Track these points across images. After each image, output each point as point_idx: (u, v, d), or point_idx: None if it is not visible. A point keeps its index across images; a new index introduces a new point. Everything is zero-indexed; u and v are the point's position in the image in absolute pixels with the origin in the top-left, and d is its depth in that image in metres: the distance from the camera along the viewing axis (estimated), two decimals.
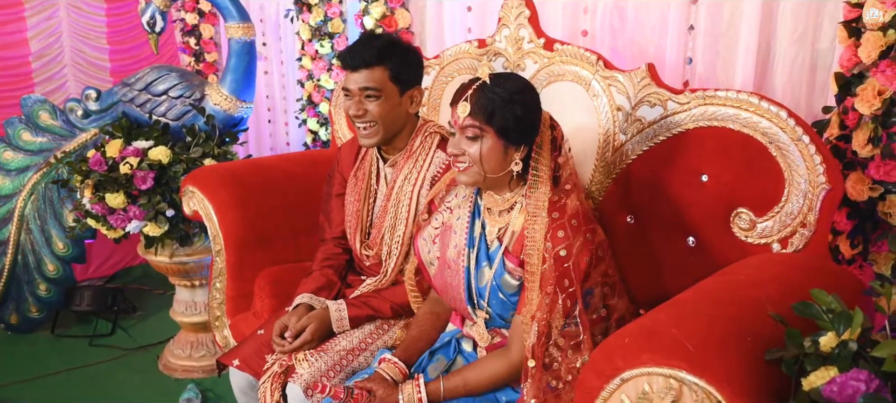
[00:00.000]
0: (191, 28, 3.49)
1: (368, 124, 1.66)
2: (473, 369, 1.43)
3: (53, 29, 3.53)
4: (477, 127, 1.33)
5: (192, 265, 2.60)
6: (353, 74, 1.64)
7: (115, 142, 2.51)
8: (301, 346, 1.61)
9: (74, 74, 3.59)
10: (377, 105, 1.64)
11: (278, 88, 3.37)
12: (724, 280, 1.34)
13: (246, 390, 1.76)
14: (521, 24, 1.86)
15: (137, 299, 3.30)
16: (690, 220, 1.55)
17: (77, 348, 2.90)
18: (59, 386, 2.60)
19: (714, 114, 1.49)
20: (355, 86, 1.64)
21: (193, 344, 2.74)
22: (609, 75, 1.69)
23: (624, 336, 1.12)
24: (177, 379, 2.67)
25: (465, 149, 1.35)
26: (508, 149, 1.35)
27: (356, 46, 1.67)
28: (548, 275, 1.30)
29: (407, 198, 1.73)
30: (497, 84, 1.34)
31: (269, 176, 2.28)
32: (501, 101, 1.31)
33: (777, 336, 1.04)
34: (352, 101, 1.66)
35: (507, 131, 1.33)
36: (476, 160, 1.34)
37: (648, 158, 1.63)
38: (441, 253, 1.53)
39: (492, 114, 1.31)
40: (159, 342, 2.90)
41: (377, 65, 1.62)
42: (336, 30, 2.85)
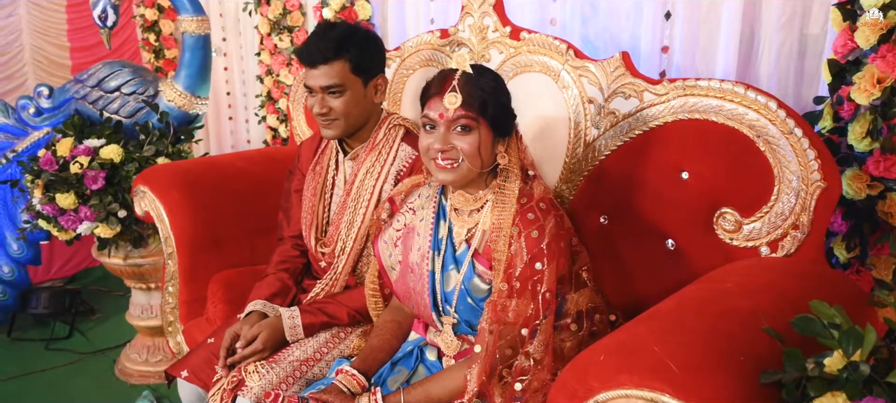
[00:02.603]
0: (150, 24, 3.23)
1: (331, 119, 1.48)
2: (437, 380, 1.25)
3: (13, 26, 3.27)
4: (472, 117, 1.16)
5: (148, 267, 2.37)
6: (313, 71, 1.45)
7: (66, 141, 2.28)
8: (251, 356, 1.42)
9: (35, 72, 3.34)
10: (341, 101, 1.46)
11: (238, 84, 3.16)
12: (710, 288, 1.15)
13: (195, 401, 1.56)
14: (486, 12, 1.63)
15: (97, 301, 3.06)
16: (669, 221, 1.34)
17: (33, 352, 2.68)
18: (13, 393, 2.39)
19: (695, 105, 1.28)
20: (317, 84, 1.46)
21: (150, 349, 2.52)
22: (580, 65, 1.47)
23: (599, 353, 0.96)
24: (132, 385, 2.44)
25: (456, 143, 1.17)
26: (496, 142, 1.21)
27: (312, 41, 1.47)
28: (515, 260, 1.15)
29: (367, 193, 1.54)
30: (481, 74, 1.19)
31: (224, 174, 2.06)
32: (492, 90, 1.18)
33: (772, 354, 0.89)
34: (315, 99, 1.48)
35: (497, 122, 1.19)
36: (471, 153, 1.17)
37: (623, 154, 1.42)
38: (403, 256, 1.34)
39: (484, 104, 1.17)
40: (117, 346, 2.67)
41: (336, 58, 1.44)
42: (295, 23, 2.63)
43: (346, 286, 1.58)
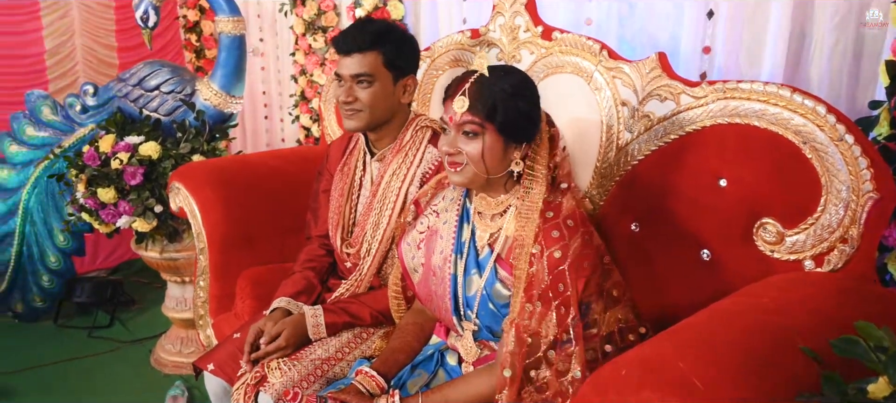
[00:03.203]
0: (192, 25, 3.29)
1: (355, 110, 1.46)
2: (456, 385, 1.22)
3: (66, 27, 3.38)
4: (477, 123, 1.13)
5: (182, 261, 2.39)
6: (346, 59, 1.44)
7: (108, 138, 2.33)
8: (275, 353, 1.41)
9: (85, 71, 3.43)
10: (368, 92, 1.44)
11: (274, 84, 3.18)
12: (744, 303, 1.07)
13: (220, 395, 1.57)
14: (518, 11, 1.57)
15: (137, 292, 3.12)
16: (705, 230, 1.27)
17: (77, 339, 2.75)
18: (57, 377, 2.45)
19: (736, 109, 1.20)
20: (347, 72, 1.44)
21: (183, 340, 2.55)
22: (614, 66, 1.41)
23: (621, 367, 0.91)
24: (166, 375, 2.47)
25: (462, 148, 1.14)
26: (508, 147, 1.15)
27: (350, 30, 1.47)
28: (535, 280, 1.10)
29: (393, 195, 1.52)
30: (498, 76, 1.14)
31: (256, 173, 2.06)
32: (504, 95, 1.12)
33: (809, 376, 0.84)
34: (343, 88, 1.46)
35: (508, 128, 1.14)
36: (475, 159, 1.14)
37: (657, 159, 1.35)
38: (426, 259, 1.31)
39: (493, 108, 1.12)
40: (153, 336, 2.72)
41: (371, 49, 1.43)
42: (329, 23, 2.62)
43: (370, 287, 1.56)
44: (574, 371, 1.09)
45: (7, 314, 2.86)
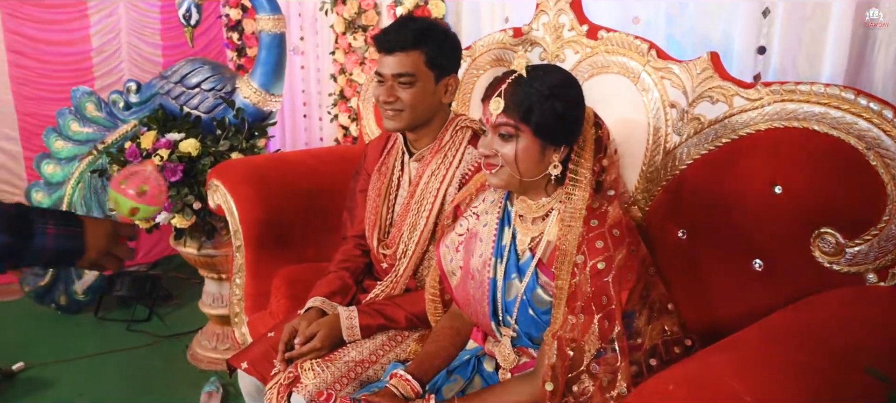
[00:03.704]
0: (234, 23, 3.34)
1: (397, 110, 1.45)
2: (493, 392, 1.20)
3: (113, 26, 3.48)
4: (512, 125, 1.10)
5: (220, 258, 2.42)
6: (387, 58, 1.43)
7: (150, 134, 2.38)
8: (308, 353, 1.41)
9: (130, 69, 3.53)
10: (410, 92, 1.43)
11: (314, 83, 3.20)
12: (802, 318, 1.03)
13: (253, 394, 1.58)
14: (562, 9, 1.54)
15: (175, 287, 3.19)
16: (758, 239, 1.21)
17: (116, 332, 2.82)
18: (96, 369, 2.52)
19: (794, 112, 1.15)
20: (389, 72, 1.43)
21: (219, 337, 2.59)
22: (662, 66, 1.37)
23: (668, 382, 0.88)
24: (201, 370, 2.51)
25: (498, 150, 1.13)
26: (546, 150, 1.12)
27: (392, 28, 1.46)
28: (578, 291, 1.07)
29: (431, 196, 1.50)
30: (535, 77, 1.11)
31: (293, 171, 2.08)
32: (539, 96, 1.09)
33: (872, 398, 0.82)
34: (383, 88, 1.45)
35: (545, 130, 1.11)
36: (510, 161, 1.12)
37: (707, 163, 1.30)
38: (464, 262, 1.29)
39: (528, 110, 1.09)
40: (190, 331, 2.77)
41: (412, 48, 1.42)
42: (369, 22, 2.63)
43: (406, 289, 1.55)
44: (620, 388, 1.05)
45: (50, 306, 2.93)
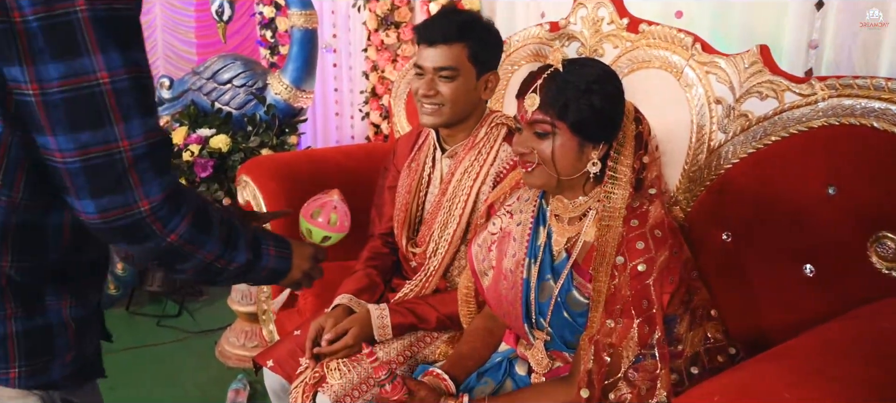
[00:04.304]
0: (267, 21, 3.38)
1: (437, 104, 1.43)
2: (526, 396, 1.17)
3: (149, 23, 3.57)
4: (548, 122, 1.08)
5: None
6: (429, 50, 1.41)
7: (181, 130, 2.42)
8: (340, 351, 1.40)
9: (165, 66, 3.63)
10: (451, 87, 1.41)
11: (346, 80, 3.22)
12: (860, 328, 0.97)
13: (279, 392, 1.58)
14: (602, 2, 1.50)
15: None
16: (809, 243, 1.15)
17: (146, 326, 2.86)
18: (125, 363, 2.55)
19: (850, 108, 1.08)
20: (430, 64, 1.41)
21: (247, 334, 2.60)
22: (708, 61, 1.31)
23: (713, 392, 0.84)
24: (229, 367, 2.54)
25: (534, 147, 1.10)
26: (584, 147, 1.09)
27: (435, 20, 1.44)
28: (617, 294, 1.04)
29: (464, 194, 1.47)
30: (571, 71, 1.08)
31: (322, 168, 2.08)
32: (576, 91, 1.06)
33: None
34: (423, 81, 1.43)
35: (582, 126, 1.08)
36: (546, 160, 1.09)
37: (754, 162, 1.24)
38: (497, 262, 1.27)
39: (565, 106, 1.06)
40: (218, 328, 2.79)
41: (456, 41, 1.39)
42: (402, 19, 2.63)
43: (436, 290, 1.53)
44: (660, 396, 1.01)
45: None
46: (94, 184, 0.77)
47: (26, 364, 0.87)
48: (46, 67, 0.72)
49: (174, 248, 0.85)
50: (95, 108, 0.74)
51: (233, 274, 0.95)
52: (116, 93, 0.75)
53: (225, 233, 0.91)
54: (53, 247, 0.86)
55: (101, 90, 0.74)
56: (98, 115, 0.75)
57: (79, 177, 0.76)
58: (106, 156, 0.76)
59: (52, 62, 0.72)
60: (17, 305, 0.85)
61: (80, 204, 0.78)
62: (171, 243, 0.84)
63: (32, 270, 0.85)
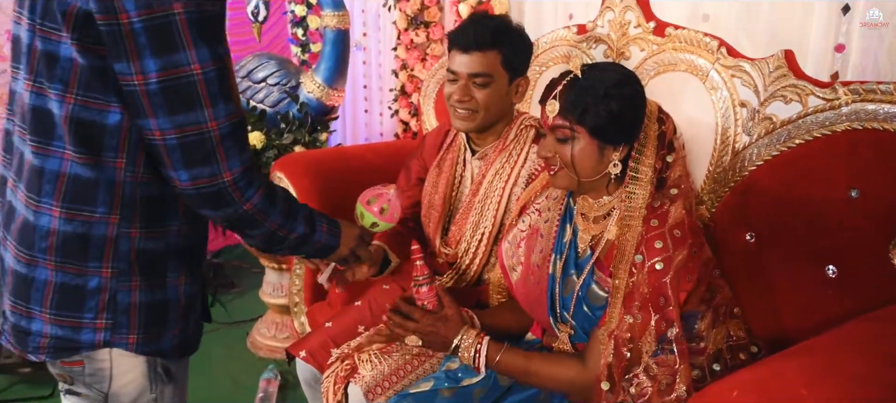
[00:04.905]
0: (299, 19, 3.46)
1: (471, 110, 1.47)
2: (542, 359, 1.22)
3: None
4: (567, 127, 1.13)
5: None
6: (463, 56, 1.45)
7: None
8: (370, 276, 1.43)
9: None
10: (485, 93, 1.45)
11: (375, 78, 3.28)
12: (879, 329, 1.01)
13: (311, 382, 1.65)
14: (629, 6, 1.54)
15: (236, 275, 3.33)
16: (831, 245, 1.19)
17: None
18: None
19: (874, 113, 1.12)
20: (464, 70, 1.45)
21: (278, 326, 2.69)
22: (733, 64, 1.35)
23: (733, 387, 0.88)
24: (260, 358, 2.63)
25: (556, 151, 1.16)
26: (604, 150, 1.14)
27: (469, 25, 1.47)
28: (635, 291, 1.08)
29: (496, 195, 1.52)
30: (590, 77, 1.12)
31: (352, 166, 2.15)
32: (595, 97, 1.11)
33: None
34: (456, 86, 1.47)
35: (601, 130, 1.12)
36: (567, 163, 1.15)
37: (778, 165, 1.28)
38: (525, 258, 1.33)
39: (584, 111, 1.11)
40: (250, 319, 2.89)
41: (491, 48, 1.43)
42: (432, 18, 2.68)
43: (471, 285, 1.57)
44: (679, 391, 1.05)
45: None
46: (187, 158, 0.91)
47: (144, 332, 1.00)
48: (148, 61, 0.85)
49: (248, 215, 0.99)
50: (189, 95, 0.88)
51: (292, 243, 1.09)
52: (206, 83, 0.89)
53: (287, 207, 1.06)
54: (172, 218, 1.00)
55: (194, 80, 0.88)
56: (191, 101, 0.89)
57: (175, 152, 0.90)
58: (197, 134, 0.90)
59: (152, 57, 0.85)
60: (142, 278, 0.98)
61: (175, 174, 0.92)
62: (246, 210, 0.98)
63: (157, 245, 0.99)
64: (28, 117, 0.95)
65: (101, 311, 0.97)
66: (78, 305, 0.96)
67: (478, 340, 1.22)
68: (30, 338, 0.98)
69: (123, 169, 0.94)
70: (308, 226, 1.10)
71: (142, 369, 1.03)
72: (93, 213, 0.94)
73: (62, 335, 0.97)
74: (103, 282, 0.96)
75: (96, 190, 0.93)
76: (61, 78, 0.90)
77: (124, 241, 0.96)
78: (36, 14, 0.90)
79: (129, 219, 0.96)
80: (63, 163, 0.92)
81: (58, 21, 0.88)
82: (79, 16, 0.86)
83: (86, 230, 0.94)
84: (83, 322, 0.97)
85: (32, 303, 0.97)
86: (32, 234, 0.95)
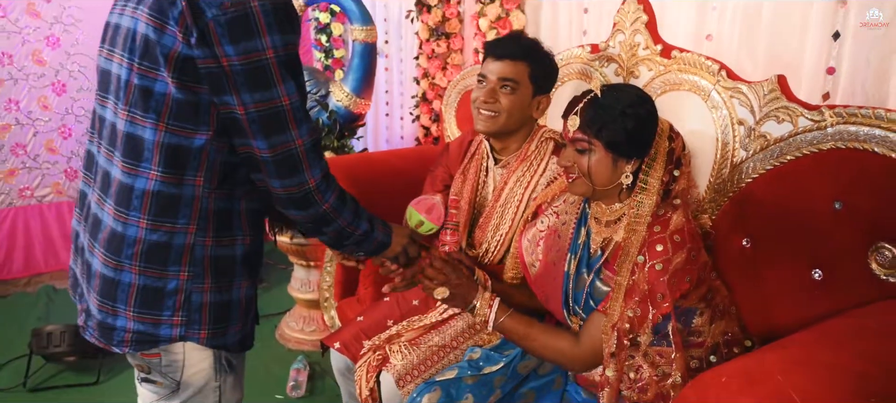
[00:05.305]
0: (323, 26, 3.60)
1: (494, 112, 1.61)
2: (541, 329, 1.35)
3: None
4: (585, 140, 1.26)
5: (309, 247, 2.65)
6: (496, 63, 1.61)
7: None
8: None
9: None
10: (509, 98, 1.60)
11: (397, 84, 3.40)
12: (852, 324, 1.14)
13: (344, 371, 1.78)
14: (638, 29, 1.68)
15: (265, 271, 3.46)
16: (817, 250, 1.32)
17: None
18: None
19: (855, 134, 1.25)
20: (494, 76, 1.61)
21: (305, 319, 2.82)
22: (732, 86, 1.49)
23: (722, 374, 1.00)
24: (289, 349, 2.75)
25: (575, 161, 1.29)
26: (618, 162, 1.27)
27: (506, 39, 1.66)
28: (636, 288, 1.21)
29: (516, 200, 1.66)
30: (608, 96, 1.26)
31: (379, 170, 2.29)
32: (612, 115, 1.24)
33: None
34: (484, 89, 1.62)
35: (615, 145, 1.25)
36: (584, 172, 1.28)
37: (771, 178, 1.41)
38: (544, 256, 1.47)
39: (601, 128, 1.25)
40: (278, 313, 3.02)
41: (521, 60, 1.59)
42: (452, 30, 2.81)
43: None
44: (675, 377, 1.20)
45: None
46: (280, 170, 1.10)
47: (212, 328, 1.15)
48: (247, 95, 1.04)
49: (326, 214, 1.19)
50: (280, 121, 1.07)
51: (356, 239, 1.29)
52: (293, 110, 1.08)
53: (354, 207, 1.26)
54: (238, 229, 1.16)
55: (284, 109, 1.07)
56: (282, 125, 1.07)
57: (270, 165, 1.09)
58: (287, 151, 1.09)
59: (251, 92, 1.04)
60: (212, 281, 1.14)
61: (270, 182, 1.11)
62: (325, 210, 1.18)
63: (226, 252, 1.15)
64: (120, 142, 1.09)
65: (177, 309, 1.11)
66: (158, 304, 1.11)
67: (489, 301, 1.37)
68: (115, 333, 1.13)
69: (202, 186, 1.09)
70: (369, 224, 1.29)
71: (209, 361, 1.18)
72: (174, 224, 1.09)
73: (144, 330, 1.11)
74: (180, 284, 1.10)
75: (178, 204, 1.08)
76: (155, 109, 1.05)
77: (199, 249, 1.11)
78: (135, 55, 1.05)
79: (204, 230, 1.11)
80: (149, 181, 1.07)
81: (158, 62, 1.03)
82: (179, 59, 1.02)
83: (168, 239, 1.09)
84: (162, 318, 1.11)
85: (118, 302, 1.11)
86: (120, 243, 1.09)
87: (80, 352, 2.54)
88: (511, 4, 2.42)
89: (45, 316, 3.04)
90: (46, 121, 3.38)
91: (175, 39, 1.01)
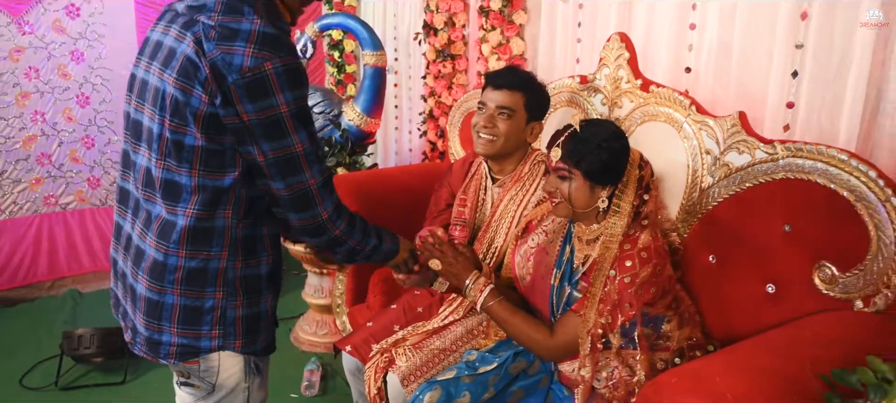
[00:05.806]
0: (336, 42, 3.76)
1: (493, 136, 1.81)
2: (523, 318, 1.54)
3: None
4: (566, 169, 1.45)
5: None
6: (495, 92, 1.81)
7: None
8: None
9: None
10: (506, 123, 1.79)
11: (405, 100, 3.54)
12: (788, 334, 1.32)
13: (354, 372, 1.95)
14: (621, 65, 1.89)
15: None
16: (771, 268, 1.51)
17: None
18: None
19: (802, 166, 1.45)
20: (493, 104, 1.80)
21: (318, 323, 2.97)
22: (700, 120, 1.69)
23: (675, 375, 1.16)
24: (303, 351, 2.91)
25: (558, 187, 1.47)
26: (595, 189, 1.45)
27: (504, 71, 1.87)
28: (607, 298, 1.38)
29: (509, 216, 1.85)
30: (586, 131, 1.44)
31: (389, 186, 2.46)
32: (589, 148, 1.42)
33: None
34: (483, 115, 1.82)
35: (592, 174, 1.43)
36: (566, 197, 1.46)
37: (734, 202, 1.61)
38: (533, 271, 1.64)
39: (579, 159, 1.42)
40: (292, 317, 3.17)
41: (518, 90, 1.79)
42: (457, 51, 2.97)
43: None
44: (639, 376, 1.40)
45: None
46: (296, 206, 1.25)
47: (245, 337, 1.31)
48: (265, 145, 1.18)
49: (338, 239, 1.35)
50: (295, 164, 1.22)
51: (365, 254, 1.44)
52: (306, 155, 1.22)
53: (362, 227, 1.41)
54: (262, 252, 1.31)
55: (297, 154, 1.21)
56: (297, 168, 1.22)
57: (287, 202, 1.24)
58: (302, 190, 1.24)
59: (268, 142, 1.19)
60: (243, 298, 1.29)
61: (289, 216, 1.27)
62: (337, 236, 1.34)
63: (253, 271, 1.30)
64: (159, 186, 1.23)
65: (215, 324, 1.26)
66: (198, 320, 1.25)
67: (482, 285, 1.56)
68: (161, 347, 1.27)
69: (230, 217, 1.24)
70: (377, 239, 1.45)
71: (241, 365, 1.32)
72: (209, 252, 1.23)
73: (186, 343, 1.26)
74: (216, 302, 1.25)
75: (212, 235, 1.23)
76: (188, 159, 1.19)
77: (231, 271, 1.25)
78: (165, 112, 1.19)
79: (234, 255, 1.25)
80: (187, 218, 1.21)
81: (187, 120, 1.17)
82: (206, 116, 1.16)
83: (204, 265, 1.23)
84: (202, 333, 1.26)
85: (163, 321, 1.25)
86: (163, 271, 1.23)
87: (108, 354, 2.71)
88: (511, 32, 2.62)
89: (71, 319, 3.21)
90: (71, 132, 3.52)
91: (201, 101, 1.15)
